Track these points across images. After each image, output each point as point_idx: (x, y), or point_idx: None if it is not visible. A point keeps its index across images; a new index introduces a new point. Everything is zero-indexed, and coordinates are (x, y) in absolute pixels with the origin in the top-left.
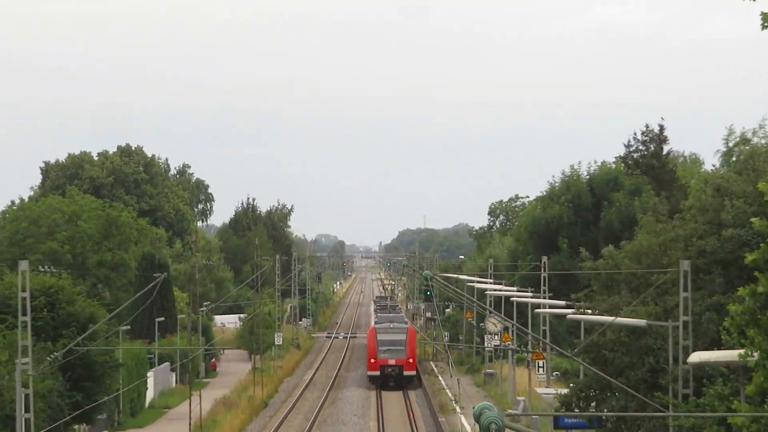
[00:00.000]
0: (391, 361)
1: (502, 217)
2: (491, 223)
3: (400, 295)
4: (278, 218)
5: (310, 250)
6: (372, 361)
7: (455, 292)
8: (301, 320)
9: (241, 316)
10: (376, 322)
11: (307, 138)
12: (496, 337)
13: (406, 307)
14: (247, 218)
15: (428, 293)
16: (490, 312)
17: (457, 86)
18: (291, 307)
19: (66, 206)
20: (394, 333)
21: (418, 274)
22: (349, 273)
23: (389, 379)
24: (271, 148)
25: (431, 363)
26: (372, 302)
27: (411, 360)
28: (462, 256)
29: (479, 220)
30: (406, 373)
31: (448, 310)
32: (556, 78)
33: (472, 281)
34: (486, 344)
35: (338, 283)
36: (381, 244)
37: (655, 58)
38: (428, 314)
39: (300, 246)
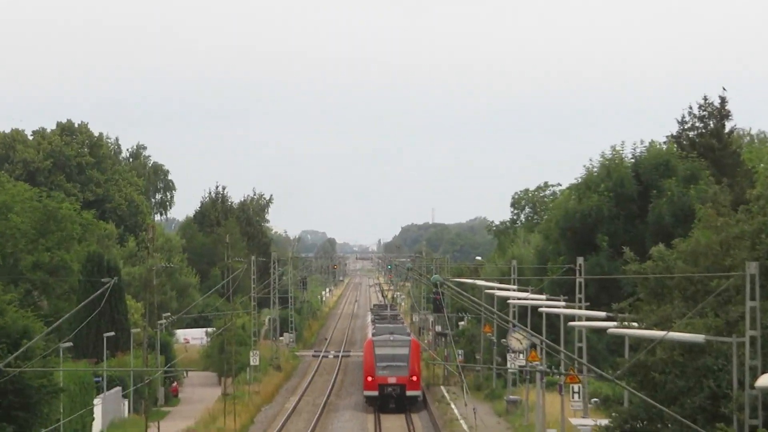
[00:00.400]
0: (392, 379)
1: (527, 209)
2: (514, 217)
3: (403, 304)
4: (254, 211)
5: (293, 250)
6: (369, 379)
7: (471, 301)
8: (282, 336)
9: (209, 330)
10: (373, 334)
11: (290, 115)
12: (521, 356)
13: (411, 319)
14: (215, 211)
15: (438, 302)
16: (514, 325)
17: (471, 50)
18: (270, 319)
19: None
20: (395, 346)
21: (426, 279)
22: (340, 278)
23: (389, 400)
24: (245, 125)
25: (442, 388)
26: (369, 311)
27: (415, 378)
28: (479, 257)
29: (500, 213)
30: (408, 392)
31: (463, 323)
32: (593, 41)
33: (492, 288)
34: (509, 365)
35: (328, 290)
36: (380, 242)
37: (715, 15)
38: (438, 328)
39: (281, 245)
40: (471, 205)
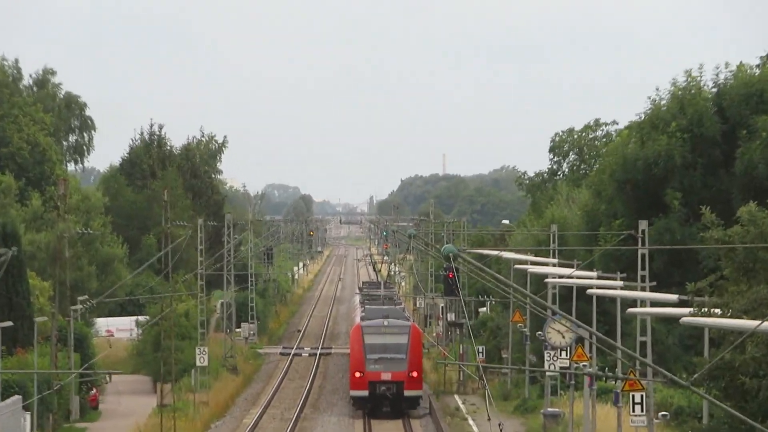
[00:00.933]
0: (386, 376)
1: (572, 156)
2: (554, 166)
3: (404, 284)
4: (202, 158)
5: (255, 211)
6: (357, 375)
7: (495, 280)
8: (239, 327)
9: (140, 319)
10: (363, 318)
11: (254, 28)
12: (563, 354)
13: (414, 304)
14: (149, 158)
15: (451, 282)
16: (554, 313)
17: None
18: (223, 304)
19: None
20: (391, 334)
21: (434, 251)
22: (319, 248)
23: (383, 402)
24: (191, 42)
25: (456, 397)
26: (357, 291)
27: (415, 374)
28: (506, 221)
29: (534, 161)
30: (407, 392)
31: (484, 309)
32: None
33: (524, 262)
34: (547, 366)
35: (302, 264)
36: (372, 200)
37: None
38: (451, 317)
39: (238, 204)
40: (495, 152)
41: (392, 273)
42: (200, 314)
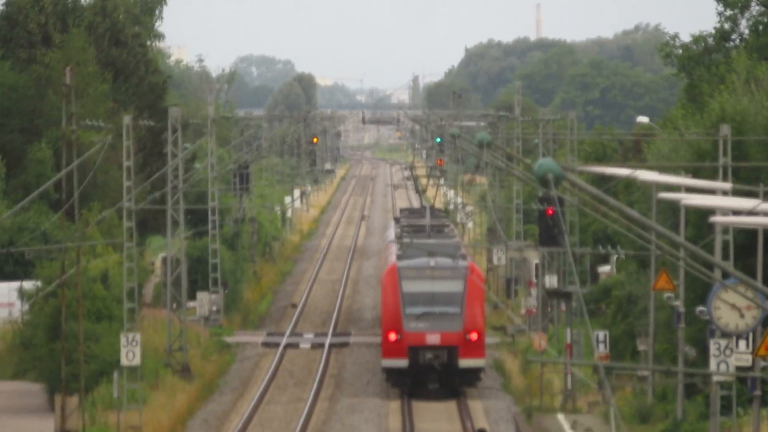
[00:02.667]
0: (433, 338)
1: (756, 7)
2: (727, 26)
3: (470, 225)
4: (130, 14)
5: (219, 102)
6: (391, 338)
7: (625, 219)
8: (193, 299)
9: (26, 286)
10: (400, 256)
11: None
12: (742, 345)
13: (489, 261)
14: (40, 13)
15: (550, 222)
16: (727, 275)
17: None
18: (166, 261)
19: None
20: (440, 279)
21: (522, 170)
22: (328, 166)
23: (429, 376)
24: None
25: (560, 417)
26: (392, 222)
27: (474, 336)
28: (644, 118)
29: (693, 18)
30: (463, 362)
31: (606, 269)
32: None
33: (676, 189)
34: (715, 366)
35: (299, 194)
36: (417, 83)
37: None
38: (550, 282)
39: (191, 89)
40: (625, 3)
41: (450, 206)
42: (128, 278)
